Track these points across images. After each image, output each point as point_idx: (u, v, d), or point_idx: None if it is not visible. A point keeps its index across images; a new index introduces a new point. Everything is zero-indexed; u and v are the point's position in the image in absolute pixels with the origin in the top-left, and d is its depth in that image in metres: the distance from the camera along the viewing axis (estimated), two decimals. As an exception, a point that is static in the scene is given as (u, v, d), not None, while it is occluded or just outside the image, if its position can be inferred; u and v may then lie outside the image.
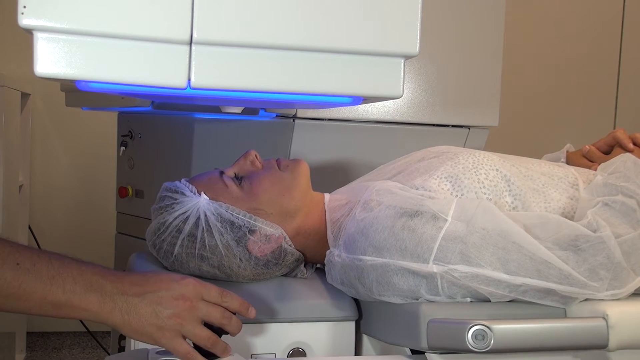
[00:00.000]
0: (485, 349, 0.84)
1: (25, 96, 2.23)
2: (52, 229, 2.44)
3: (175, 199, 1.05)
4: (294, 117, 1.48)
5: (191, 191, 1.05)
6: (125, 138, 1.80)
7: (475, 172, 1.04)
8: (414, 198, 0.98)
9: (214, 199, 1.04)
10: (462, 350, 0.86)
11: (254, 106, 1.34)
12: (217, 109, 1.12)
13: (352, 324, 1.04)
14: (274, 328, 1.01)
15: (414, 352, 0.95)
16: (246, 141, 1.56)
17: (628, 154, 1.09)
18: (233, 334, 0.88)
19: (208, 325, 0.86)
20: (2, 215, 1.80)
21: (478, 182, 1.03)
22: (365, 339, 1.07)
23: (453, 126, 1.63)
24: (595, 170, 1.10)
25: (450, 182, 1.04)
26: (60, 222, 2.47)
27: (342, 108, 1.51)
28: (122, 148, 1.81)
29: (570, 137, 1.27)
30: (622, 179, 1.01)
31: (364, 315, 1.05)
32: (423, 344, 0.90)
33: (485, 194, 1.02)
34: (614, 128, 2.77)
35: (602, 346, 0.88)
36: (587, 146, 1.22)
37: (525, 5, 2.63)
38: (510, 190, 1.04)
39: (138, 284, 0.84)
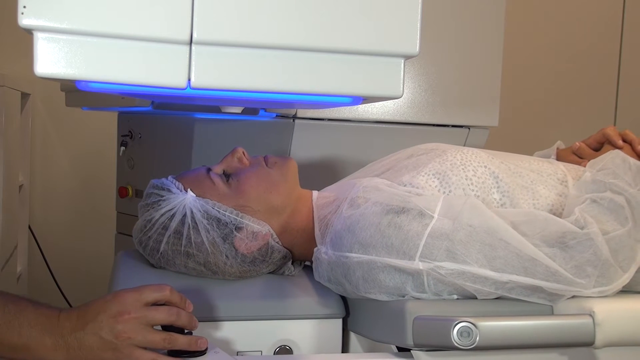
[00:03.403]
0: (470, 346, 0.84)
1: (25, 96, 2.22)
2: (52, 229, 2.44)
3: (162, 196, 1.05)
4: (294, 117, 1.48)
5: (178, 188, 1.05)
6: (125, 138, 1.80)
7: (463, 169, 1.04)
8: (401, 195, 0.98)
9: (201, 196, 1.04)
10: (447, 347, 0.86)
11: (254, 106, 1.34)
12: (217, 109, 1.12)
13: (339, 322, 1.04)
14: (260, 326, 1.01)
15: (400, 349, 0.95)
16: (246, 141, 1.56)
17: (617, 151, 1.09)
18: (191, 329, 0.87)
19: (173, 328, 0.86)
20: (2, 215, 1.80)
21: (466, 179, 1.03)
22: (353, 336, 1.07)
23: (453, 126, 1.63)
24: (585, 167, 1.10)
25: (438, 178, 1.03)
26: (60, 222, 2.47)
27: (342, 108, 1.51)
28: (122, 148, 1.81)
29: (570, 137, 1.27)
30: (611, 175, 1.01)
31: (351, 312, 1.05)
32: (409, 341, 0.90)
33: (473, 190, 1.02)
34: (614, 128, 2.77)
35: (589, 343, 0.88)
36: (577, 143, 1.22)
37: (525, 5, 2.63)
38: (498, 187, 1.03)
39: (81, 317, 0.83)
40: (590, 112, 2.74)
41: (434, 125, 1.61)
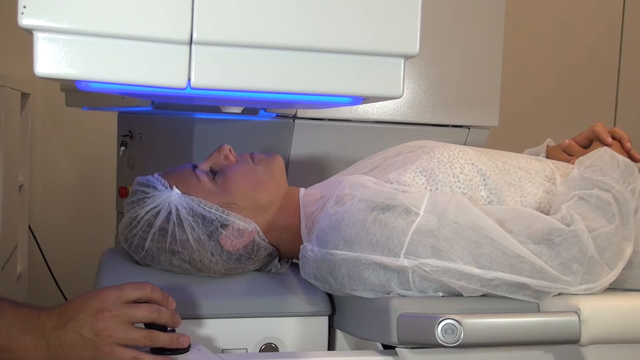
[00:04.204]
0: (455, 344, 0.84)
1: (25, 96, 2.22)
2: (52, 229, 2.44)
3: (147, 193, 1.05)
4: (294, 117, 1.48)
5: (163, 185, 1.05)
6: (125, 138, 1.80)
7: (450, 166, 1.04)
8: (387, 192, 0.98)
9: (187, 193, 1.04)
10: (432, 344, 0.86)
11: (254, 106, 1.34)
12: (217, 109, 1.12)
13: (325, 319, 1.04)
14: (245, 323, 1.01)
15: (385, 347, 0.95)
16: (246, 141, 1.56)
17: (605, 148, 1.09)
18: (173, 326, 0.87)
19: (156, 326, 0.85)
20: (2, 215, 1.80)
21: (453, 176, 1.03)
22: (340, 334, 1.07)
23: (453, 126, 1.63)
24: (574, 164, 1.09)
25: (425, 176, 1.03)
26: (60, 222, 2.47)
27: (342, 108, 1.51)
28: (122, 148, 1.81)
29: (570, 137, 1.27)
30: (599, 172, 1.01)
31: (337, 310, 1.05)
32: (393, 339, 0.90)
33: (460, 188, 1.02)
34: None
35: (574, 341, 0.88)
36: (566, 140, 1.22)
37: (525, 5, 2.63)
38: (485, 185, 1.03)
39: (62, 315, 0.83)
40: (590, 112, 2.74)
41: (434, 125, 1.61)
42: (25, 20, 0.61)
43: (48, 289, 2.30)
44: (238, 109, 1.05)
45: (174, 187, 1.04)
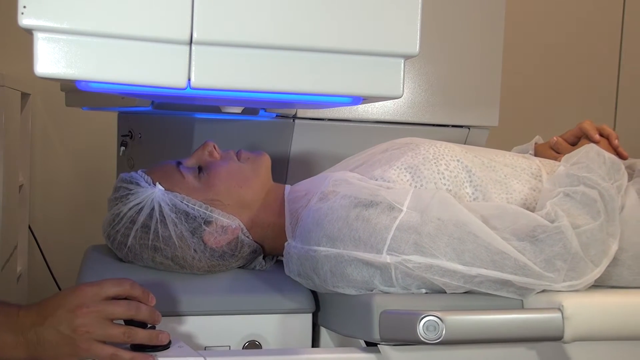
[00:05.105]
0: (436, 340, 0.83)
1: (25, 96, 2.22)
2: (52, 229, 2.44)
3: (130, 190, 1.05)
4: (294, 117, 1.48)
5: (146, 182, 1.05)
6: (125, 138, 1.80)
7: (435, 162, 1.04)
8: (370, 188, 0.97)
9: (170, 190, 1.04)
10: (413, 341, 0.85)
11: (254, 106, 1.34)
12: (217, 109, 1.12)
13: (309, 316, 1.04)
14: (228, 320, 1.01)
15: (368, 344, 0.94)
16: (246, 141, 1.56)
17: (592, 145, 1.08)
18: (153, 323, 0.86)
19: (136, 322, 0.84)
20: (2, 215, 1.80)
21: (438, 173, 1.02)
22: (324, 331, 1.07)
23: (453, 126, 1.63)
24: (561, 161, 1.09)
25: (410, 172, 1.03)
26: (60, 222, 2.46)
27: (342, 108, 1.51)
28: (122, 148, 1.81)
29: (570, 137, 1.28)
30: (585, 169, 1.00)
31: (321, 307, 1.04)
32: (375, 336, 0.89)
33: (445, 184, 1.02)
34: (614, 128, 2.77)
35: (557, 338, 0.87)
36: (554, 137, 1.22)
37: (525, 5, 2.63)
38: (471, 181, 1.03)
39: (40, 312, 0.82)
40: (590, 112, 2.74)
41: (434, 125, 1.61)
42: (25, 20, 0.61)
43: (48, 289, 2.30)
44: (238, 109, 1.05)
45: (157, 183, 1.04)
